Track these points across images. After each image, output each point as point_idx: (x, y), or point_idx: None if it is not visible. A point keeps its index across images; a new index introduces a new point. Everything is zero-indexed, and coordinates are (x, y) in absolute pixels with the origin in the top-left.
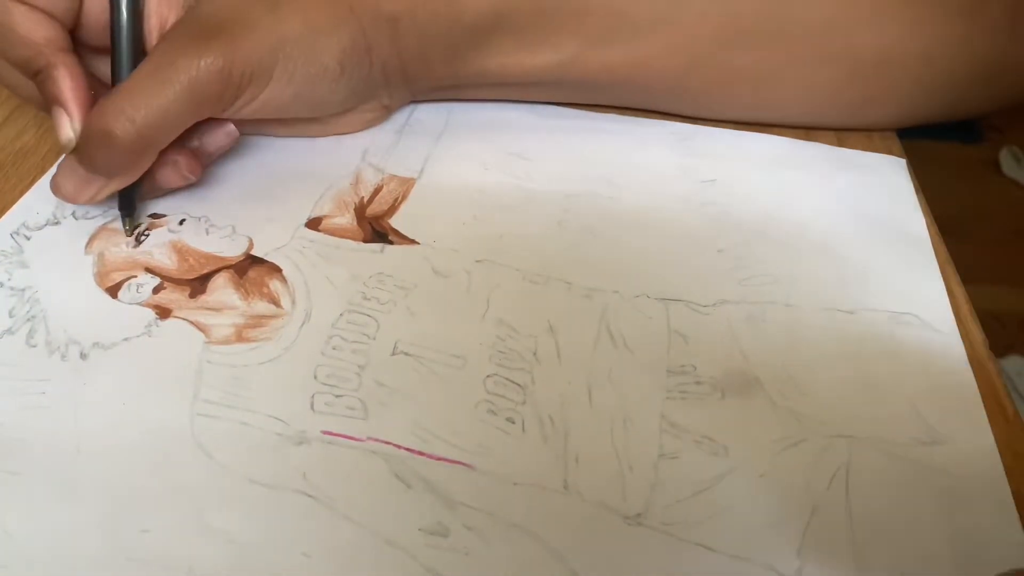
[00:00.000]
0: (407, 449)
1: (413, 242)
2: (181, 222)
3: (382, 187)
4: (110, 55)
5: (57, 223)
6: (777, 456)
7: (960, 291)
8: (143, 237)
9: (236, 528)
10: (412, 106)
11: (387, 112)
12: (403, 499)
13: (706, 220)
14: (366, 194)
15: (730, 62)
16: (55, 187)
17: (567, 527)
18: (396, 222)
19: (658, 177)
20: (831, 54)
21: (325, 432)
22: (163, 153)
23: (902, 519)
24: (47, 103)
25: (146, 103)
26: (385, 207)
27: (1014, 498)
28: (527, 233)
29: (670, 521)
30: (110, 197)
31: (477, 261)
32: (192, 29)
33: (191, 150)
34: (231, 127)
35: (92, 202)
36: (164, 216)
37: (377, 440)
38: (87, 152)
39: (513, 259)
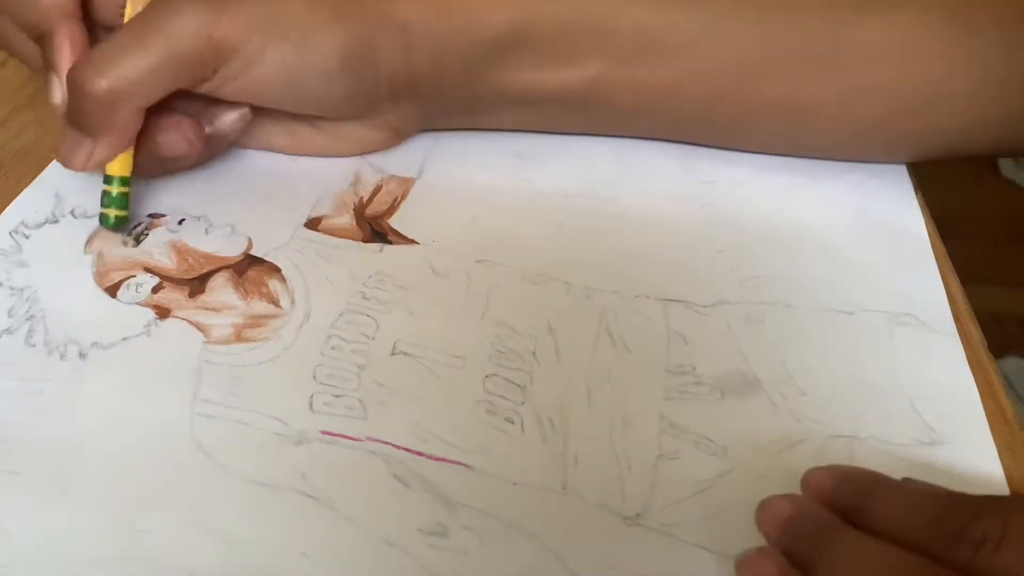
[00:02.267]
0: (406, 449)
1: (412, 242)
2: (180, 222)
3: (381, 187)
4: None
5: (56, 221)
6: (776, 456)
7: (959, 292)
8: (142, 237)
9: (235, 528)
10: None
11: (397, 136)
12: (402, 499)
13: (706, 221)
14: (365, 194)
15: (762, 91)
16: (57, 153)
17: (566, 527)
18: (395, 222)
19: (658, 178)
20: (873, 86)
21: (324, 432)
22: (164, 118)
23: None
24: (44, 67)
25: (118, 56)
26: (384, 207)
27: None
28: (527, 233)
29: (669, 521)
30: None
31: (477, 261)
32: None
33: (199, 124)
34: (245, 108)
35: (86, 168)
36: (163, 216)
37: (376, 440)
38: (70, 107)
39: (513, 259)
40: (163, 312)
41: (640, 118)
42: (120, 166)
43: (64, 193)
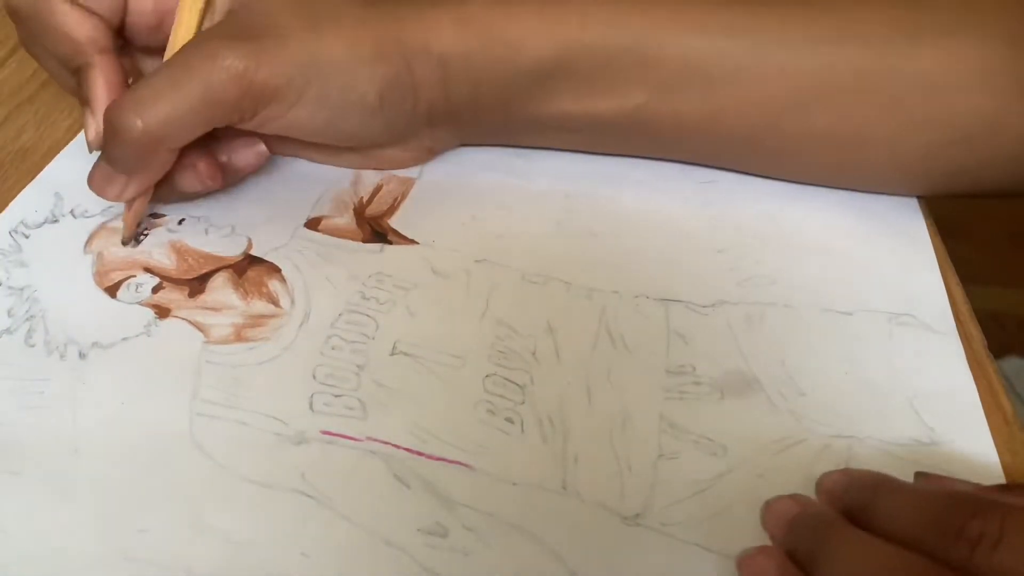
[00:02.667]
0: (406, 449)
1: (412, 242)
2: (180, 222)
3: (381, 187)
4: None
5: (56, 221)
6: (776, 456)
7: (959, 291)
8: (142, 237)
9: (234, 528)
10: None
11: (430, 154)
12: (402, 499)
13: (706, 221)
14: (365, 194)
15: (809, 122)
16: (89, 179)
17: (566, 527)
18: (395, 222)
19: (658, 177)
20: (928, 119)
21: (324, 432)
22: (183, 156)
23: None
24: (80, 102)
25: (155, 100)
26: (384, 207)
27: None
28: (526, 233)
29: (669, 521)
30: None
31: (476, 261)
32: (221, 32)
33: (216, 160)
34: (262, 147)
35: (119, 200)
36: (164, 216)
37: (376, 440)
38: (105, 144)
39: (512, 259)
40: (163, 312)
41: (682, 145)
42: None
43: (64, 193)
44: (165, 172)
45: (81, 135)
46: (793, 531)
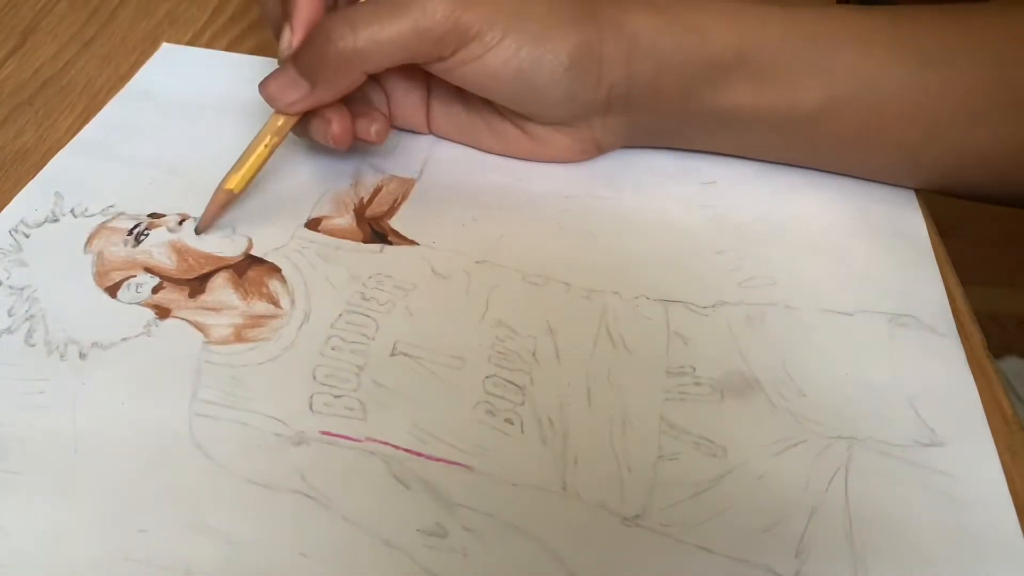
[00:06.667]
0: (406, 450)
1: (412, 243)
2: (181, 222)
3: (382, 188)
4: None
5: (56, 220)
6: (776, 458)
7: (959, 292)
8: (142, 237)
9: (234, 528)
10: None
11: (598, 150)
12: (401, 500)
13: (706, 222)
14: (366, 194)
15: (970, 138)
16: (262, 86)
17: (566, 528)
18: (396, 223)
19: (658, 178)
20: None
21: (323, 432)
22: (324, 109)
23: (901, 521)
24: (283, 12)
25: (371, 21)
26: (385, 208)
27: (1012, 499)
28: (526, 234)
29: (669, 522)
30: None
31: (476, 262)
32: None
33: (350, 123)
34: (386, 123)
35: (287, 110)
36: (164, 216)
37: (376, 441)
38: (304, 52)
39: (512, 260)
40: (163, 312)
41: (846, 155)
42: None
43: (64, 192)
44: (347, 92)
45: (81, 134)
46: None
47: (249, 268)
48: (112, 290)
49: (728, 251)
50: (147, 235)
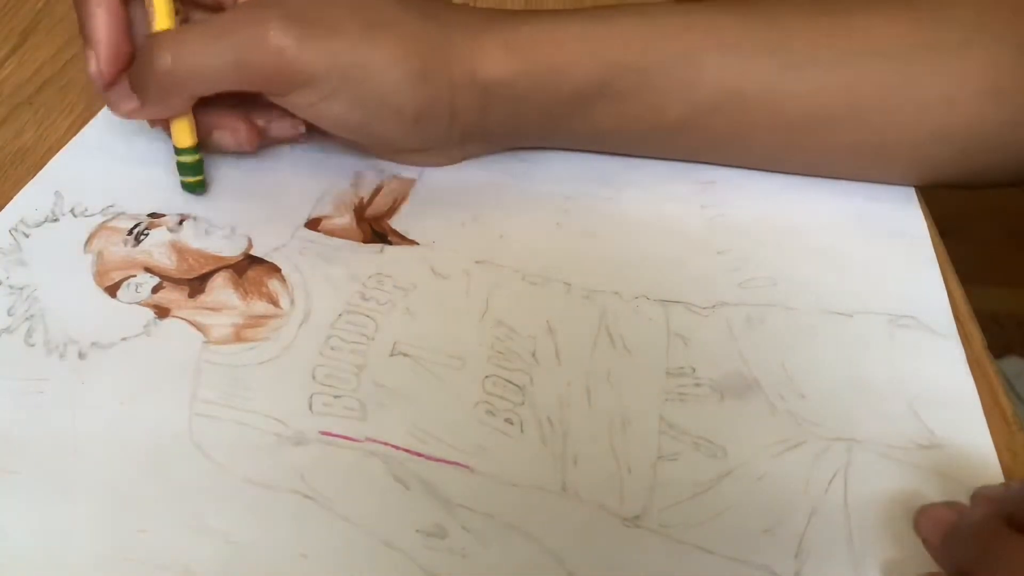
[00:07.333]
0: (405, 450)
1: (412, 243)
2: (181, 222)
3: (382, 188)
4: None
5: (56, 220)
6: (776, 458)
7: (959, 292)
8: (142, 236)
9: (233, 528)
10: None
11: (461, 160)
12: (401, 500)
13: (706, 222)
14: (366, 195)
15: (839, 136)
16: (104, 90)
17: (565, 529)
18: (396, 223)
19: (658, 178)
20: (948, 129)
21: (323, 433)
22: (224, 118)
23: (900, 522)
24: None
25: (190, 45)
26: (385, 208)
27: None
28: (527, 234)
29: (668, 523)
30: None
31: (476, 262)
32: (279, 5)
33: (255, 125)
34: (300, 123)
35: (125, 117)
36: (164, 216)
37: (375, 441)
38: (134, 68)
39: (512, 260)
40: (163, 312)
41: (713, 154)
42: (186, 137)
43: (64, 191)
44: (178, 113)
45: (81, 134)
46: (952, 539)
47: (249, 268)
48: (112, 290)
49: (728, 251)
50: (147, 235)
